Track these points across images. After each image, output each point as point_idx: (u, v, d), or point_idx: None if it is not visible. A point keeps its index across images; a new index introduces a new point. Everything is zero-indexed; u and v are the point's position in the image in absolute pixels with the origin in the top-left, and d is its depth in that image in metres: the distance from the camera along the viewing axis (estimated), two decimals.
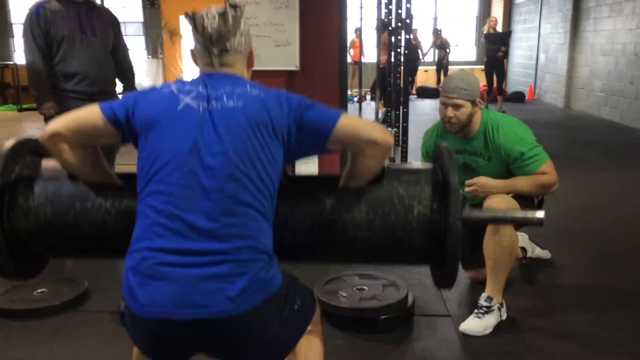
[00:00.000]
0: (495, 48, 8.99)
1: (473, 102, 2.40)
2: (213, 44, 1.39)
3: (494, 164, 2.43)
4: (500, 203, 2.27)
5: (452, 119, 2.39)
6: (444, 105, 2.41)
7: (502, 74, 9.30)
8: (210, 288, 1.22)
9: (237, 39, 1.41)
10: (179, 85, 1.38)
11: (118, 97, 3.72)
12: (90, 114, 1.39)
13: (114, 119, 1.37)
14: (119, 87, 3.54)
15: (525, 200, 2.38)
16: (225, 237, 1.25)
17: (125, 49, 3.54)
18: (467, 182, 2.40)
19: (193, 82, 1.40)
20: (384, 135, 1.37)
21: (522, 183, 2.36)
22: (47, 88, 3.16)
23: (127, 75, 3.53)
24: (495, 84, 9.28)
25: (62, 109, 3.04)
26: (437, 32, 12.25)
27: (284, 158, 1.37)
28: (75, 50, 3.18)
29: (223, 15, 1.37)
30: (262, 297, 1.26)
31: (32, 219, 1.44)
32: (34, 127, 7.83)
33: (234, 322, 1.24)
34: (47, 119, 3.12)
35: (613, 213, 3.95)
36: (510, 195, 2.33)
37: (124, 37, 3.57)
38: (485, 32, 9.37)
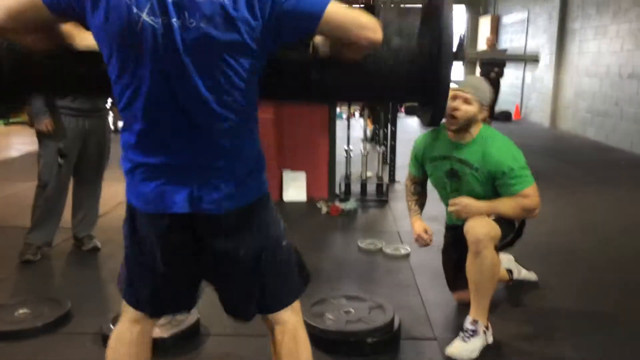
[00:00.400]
0: (489, 68, 9.05)
1: (481, 106, 2.42)
2: None
3: (481, 175, 2.42)
4: (481, 225, 2.28)
5: (457, 112, 2.39)
6: (453, 98, 2.39)
7: (496, 94, 9.32)
8: (197, 193, 1.32)
9: None
10: None
11: (110, 116, 3.75)
12: (30, 3, 1.25)
13: (58, 10, 1.25)
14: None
15: (507, 223, 2.40)
16: (210, 163, 1.31)
17: None
18: (450, 202, 2.42)
19: None
20: (373, 33, 1.26)
21: (504, 205, 2.36)
22: (42, 104, 3.16)
23: None
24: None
25: (56, 125, 3.11)
26: None
27: (261, 60, 1.28)
28: None
29: None
30: (244, 202, 1.37)
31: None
32: (22, 142, 7.77)
33: (218, 219, 1.35)
34: (41, 134, 3.15)
35: (598, 233, 3.98)
36: (492, 217, 2.34)
37: None
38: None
